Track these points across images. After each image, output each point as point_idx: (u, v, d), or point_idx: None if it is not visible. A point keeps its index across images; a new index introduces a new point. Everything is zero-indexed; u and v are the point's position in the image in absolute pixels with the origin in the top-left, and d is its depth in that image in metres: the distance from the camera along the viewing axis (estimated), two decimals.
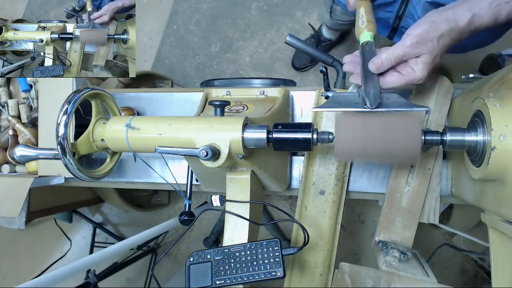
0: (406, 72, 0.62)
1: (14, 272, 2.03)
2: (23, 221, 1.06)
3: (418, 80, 0.62)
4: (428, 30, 0.59)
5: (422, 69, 0.61)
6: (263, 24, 1.85)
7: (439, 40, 0.59)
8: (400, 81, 0.62)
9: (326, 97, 0.70)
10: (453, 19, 0.59)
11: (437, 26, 0.59)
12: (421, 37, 0.59)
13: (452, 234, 1.53)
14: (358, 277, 0.70)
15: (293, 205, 1.73)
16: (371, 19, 0.70)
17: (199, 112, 0.81)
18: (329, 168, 0.84)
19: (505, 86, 0.60)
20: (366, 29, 0.68)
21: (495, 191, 0.61)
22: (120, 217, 1.94)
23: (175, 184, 0.76)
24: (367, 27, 0.69)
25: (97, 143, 0.69)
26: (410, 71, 0.62)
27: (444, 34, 0.59)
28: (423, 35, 0.59)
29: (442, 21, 0.59)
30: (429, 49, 0.60)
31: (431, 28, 0.59)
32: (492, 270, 0.63)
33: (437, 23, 0.59)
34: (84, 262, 1.00)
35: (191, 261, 0.62)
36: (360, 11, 0.71)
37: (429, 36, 0.59)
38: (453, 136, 0.62)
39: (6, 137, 1.05)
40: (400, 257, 0.76)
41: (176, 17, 1.96)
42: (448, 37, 0.60)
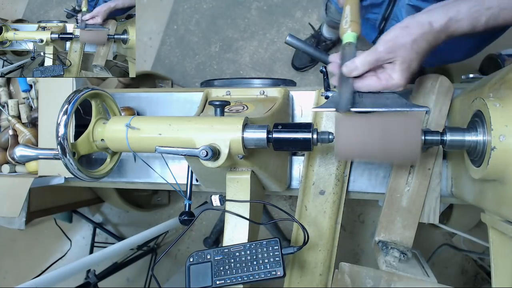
0: (384, 78, 0.61)
1: (14, 272, 2.03)
2: (23, 221, 1.06)
3: (396, 86, 0.61)
4: (400, 35, 0.58)
5: (399, 75, 0.60)
6: (263, 24, 1.85)
7: (412, 45, 0.58)
8: (376, 86, 0.62)
9: (326, 97, 0.70)
10: (426, 22, 0.58)
11: (409, 30, 0.58)
12: (393, 42, 0.58)
13: (452, 234, 1.53)
14: (358, 277, 0.70)
15: (293, 205, 1.73)
16: (356, 19, 0.67)
17: (199, 112, 0.81)
18: (329, 168, 0.84)
19: (505, 86, 0.60)
20: (349, 29, 0.66)
21: (495, 191, 0.61)
22: (120, 217, 1.94)
23: (175, 184, 0.76)
24: (350, 26, 0.66)
25: (97, 143, 0.69)
26: (388, 77, 0.61)
27: (418, 38, 0.58)
28: (395, 40, 0.58)
29: (415, 25, 0.58)
30: (403, 55, 0.59)
31: (403, 33, 0.58)
32: (492, 270, 0.63)
33: (409, 28, 0.58)
34: (84, 262, 1.00)
35: (191, 261, 0.62)
36: (346, 10, 0.68)
37: (401, 41, 0.58)
38: (453, 136, 0.62)
39: (6, 137, 1.05)
40: (400, 257, 0.76)
41: (176, 17, 1.96)
42: (423, 40, 0.58)
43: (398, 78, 0.60)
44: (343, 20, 0.68)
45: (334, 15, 1.22)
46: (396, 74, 0.60)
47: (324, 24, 1.63)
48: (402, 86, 0.61)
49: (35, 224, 1.97)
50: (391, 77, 0.61)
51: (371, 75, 0.63)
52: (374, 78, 0.62)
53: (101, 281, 1.38)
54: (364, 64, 0.61)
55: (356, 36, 0.66)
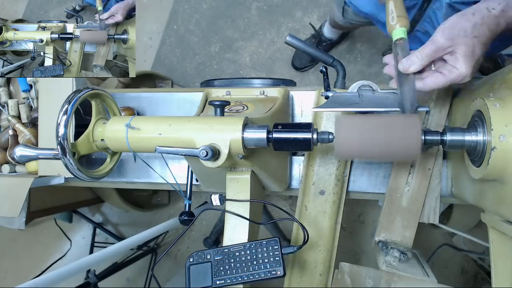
0: (447, 71, 0.57)
1: (14, 272, 2.03)
2: (23, 221, 1.06)
3: (462, 77, 0.56)
4: (458, 21, 0.55)
5: (463, 64, 0.55)
6: (263, 24, 1.85)
7: (473, 30, 0.54)
8: (442, 81, 0.58)
9: (326, 97, 0.70)
10: (484, 8, 0.55)
11: (468, 16, 0.55)
12: (452, 28, 0.55)
13: (452, 234, 1.53)
14: (358, 277, 0.70)
15: (293, 205, 1.73)
16: (403, 13, 0.64)
17: (199, 112, 0.81)
18: (329, 168, 0.84)
19: (505, 86, 0.60)
20: (398, 24, 0.63)
21: (495, 191, 0.61)
22: (120, 217, 1.94)
23: (175, 184, 0.77)
24: (399, 22, 0.64)
25: (97, 143, 0.69)
26: (452, 69, 0.57)
27: (478, 23, 0.55)
28: (454, 26, 0.55)
29: (473, 11, 0.55)
30: (464, 41, 0.55)
31: (461, 19, 0.55)
32: (492, 270, 0.63)
33: (467, 14, 0.56)
34: (84, 262, 1.00)
35: (191, 261, 0.62)
36: (390, 6, 0.65)
37: (460, 26, 0.55)
38: (453, 136, 0.62)
39: (6, 137, 1.05)
40: (400, 257, 0.76)
41: (176, 17, 1.96)
42: (484, 25, 0.55)
43: (464, 67, 0.56)
44: (389, 16, 0.65)
45: (352, 17, 1.22)
46: (460, 63, 0.56)
47: (325, 24, 1.63)
48: (469, 76, 0.57)
49: (35, 224, 1.97)
50: (455, 68, 0.57)
51: (432, 72, 0.60)
52: (436, 74, 0.59)
53: (101, 281, 1.38)
54: (422, 58, 0.58)
55: (406, 31, 0.64)
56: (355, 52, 1.75)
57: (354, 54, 1.75)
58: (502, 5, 0.55)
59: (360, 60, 1.74)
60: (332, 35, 1.63)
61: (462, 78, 0.57)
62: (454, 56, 0.57)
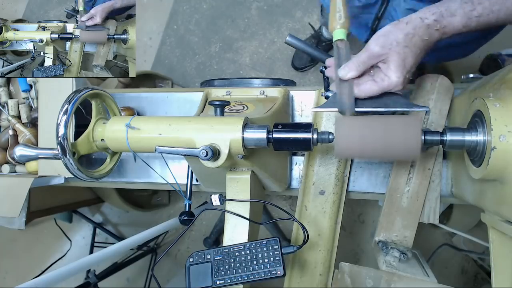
0: (380, 79, 0.59)
1: (14, 272, 2.03)
2: (23, 221, 1.06)
3: (393, 85, 0.58)
4: (391, 30, 0.57)
5: (394, 73, 0.57)
6: (263, 24, 1.85)
7: (405, 40, 0.56)
8: (373, 89, 0.59)
9: (326, 97, 0.70)
10: (417, 18, 0.57)
11: (400, 25, 0.57)
12: (385, 37, 0.57)
13: (452, 234, 1.53)
14: (358, 277, 0.70)
15: (293, 205, 1.73)
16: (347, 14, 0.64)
17: (199, 112, 0.81)
18: (329, 168, 0.84)
19: (505, 86, 0.60)
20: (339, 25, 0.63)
21: (495, 191, 0.61)
22: (120, 217, 1.94)
23: (175, 184, 0.77)
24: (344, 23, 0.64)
25: (97, 143, 0.69)
26: (384, 77, 0.58)
27: (410, 33, 0.56)
28: (387, 35, 0.57)
29: (406, 21, 0.57)
30: (396, 50, 0.56)
31: (394, 28, 0.57)
32: (492, 270, 0.63)
33: (400, 23, 0.57)
34: (84, 262, 1.00)
35: (191, 261, 0.62)
36: (337, 3, 0.64)
37: (393, 36, 0.56)
38: (453, 136, 0.62)
39: (6, 137, 1.05)
40: (400, 257, 0.76)
41: (176, 17, 1.96)
42: (416, 36, 0.56)
43: (394, 75, 0.57)
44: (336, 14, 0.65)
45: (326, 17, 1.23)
46: (391, 72, 0.57)
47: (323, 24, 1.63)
48: (399, 84, 0.58)
49: (35, 224, 1.97)
50: (386, 76, 0.58)
51: (367, 79, 0.61)
52: (370, 82, 0.60)
53: (101, 281, 1.38)
54: (358, 65, 0.59)
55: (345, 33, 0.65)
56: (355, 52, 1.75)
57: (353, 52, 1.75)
58: (436, 15, 0.56)
59: None
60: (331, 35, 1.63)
61: (393, 87, 0.59)
62: (387, 64, 0.58)
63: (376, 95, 0.62)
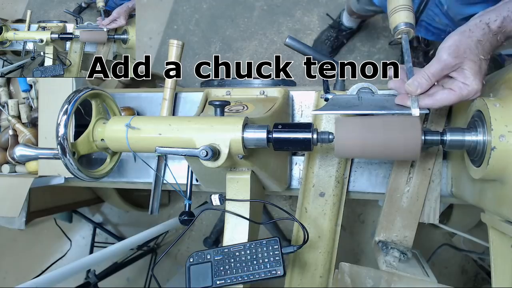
0: (458, 88, 0.58)
1: (14, 272, 2.03)
2: (23, 221, 1.06)
3: (474, 92, 0.57)
4: (461, 38, 0.56)
5: (474, 80, 0.57)
6: (263, 24, 1.85)
7: (477, 46, 0.56)
8: (453, 98, 0.58)
9: (325, 99, 0.70)
10: (484, 24, 0.56)
11: (470, 33, 0.56)
12: (457, 46, 0.56)
13: (452, 234, 1.53)
14: (358, 277, 0.70)
15: (293, 205, 1.73)
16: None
17: (199, 112, 0.81)
18: (329, 170, 0.84)
19: (505, 86, 0.60)
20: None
21: (495, 191, 0.61)
22: (120, 217, 1.94)
23: (175, 184, 0.77)
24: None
25: (97, 143, 0.69)
26: (462, 86, 0.57)
27: (481, 40, 0.56)
28: (458, 44, 0.56)
29: (474, 28, 0.57)
30: (471, 58, 0.56)
31: (464, 36, 0.56)
32: (492, 270, 0.63)
33: (468, 31, 0.57)
34: (84, 262, 1.00)
35: (191, 261, 0.62)
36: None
37: (465, 44, 0.56)
38: (453, 136, 0.62)
39: (6, 137, 1.05)
40: (400, 257, 0.76)
41: (176, 17, 1.96)
42: (486, 42, 0.57)
43: (475, 83, 0.57)
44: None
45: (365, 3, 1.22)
46: (471, 79, 0.57)
47: (343, 13, 1.61)
48: (479, 91, 0.58)
49: (35, 224, 1.96)
50: (465, 85, 0.57)
51: (439, 88, 0.60)
52: (446, 91, 0.59)
53: (101, 281, 1.38)
54: (429, 78, 0.59)
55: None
56: (355, 52, 1.75)
57: (354, 54, 1.75)
58: (500, 19, 0.56)
59: (359, 60, 1.74)
60: (351, 23, 1.61)
61: (474, 94, 0.58)
62: (463, 73, 0.57)
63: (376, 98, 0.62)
